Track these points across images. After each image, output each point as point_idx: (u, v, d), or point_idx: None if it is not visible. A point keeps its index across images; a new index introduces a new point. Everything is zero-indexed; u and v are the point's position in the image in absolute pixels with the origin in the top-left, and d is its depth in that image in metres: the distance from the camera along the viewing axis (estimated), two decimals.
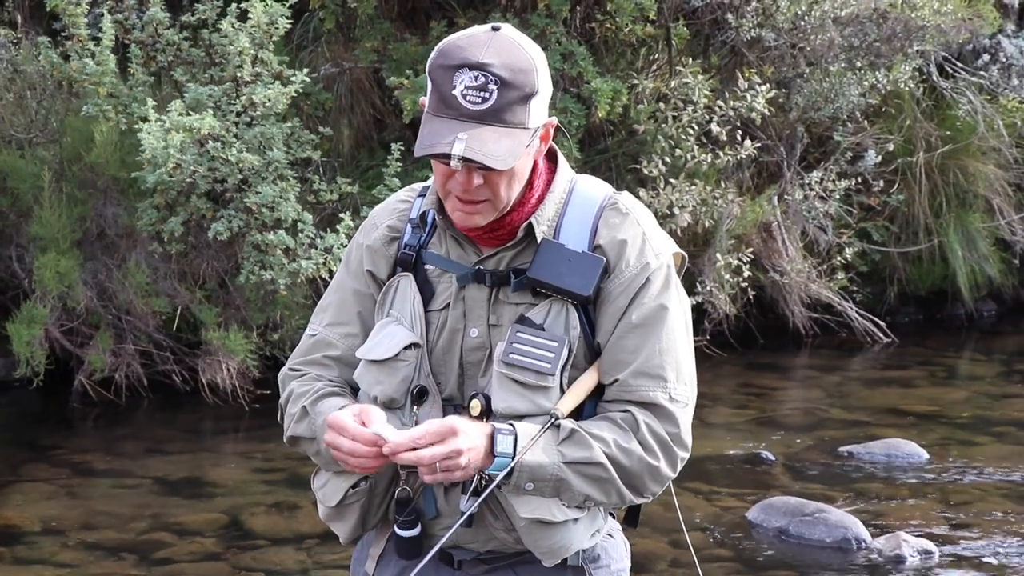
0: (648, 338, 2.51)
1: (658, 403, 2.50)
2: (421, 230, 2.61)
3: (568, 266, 2.49)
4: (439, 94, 2.40)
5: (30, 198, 8.21)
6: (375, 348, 2.58)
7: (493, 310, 2.53)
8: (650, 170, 9.07)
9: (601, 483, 2.48)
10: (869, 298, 10.76)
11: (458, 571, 2.60)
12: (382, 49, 9.14)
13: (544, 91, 2.44)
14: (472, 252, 2.55)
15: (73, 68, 8.11)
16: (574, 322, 2.51)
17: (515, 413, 2.47)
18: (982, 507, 6.92)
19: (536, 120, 2.43)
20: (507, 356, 2.48)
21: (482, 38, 2.41)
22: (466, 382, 2.55)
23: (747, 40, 9.65)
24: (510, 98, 2.38)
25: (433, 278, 2.58)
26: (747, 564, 6.17)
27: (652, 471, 2.50)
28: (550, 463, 2.44)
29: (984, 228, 11.11)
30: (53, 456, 7.50)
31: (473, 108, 2.37)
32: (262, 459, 7.50)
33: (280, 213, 7.85)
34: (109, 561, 6.04)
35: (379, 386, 2.56)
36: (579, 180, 2.60)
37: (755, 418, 8.63)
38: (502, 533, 2.54)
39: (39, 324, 8.01)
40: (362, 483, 2.56)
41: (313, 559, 6.04)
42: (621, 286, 2.51)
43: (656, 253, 2.54)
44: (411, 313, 2.57)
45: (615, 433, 2.48)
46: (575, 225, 2.54)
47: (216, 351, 8.22)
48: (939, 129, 10.89)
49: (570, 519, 2.50)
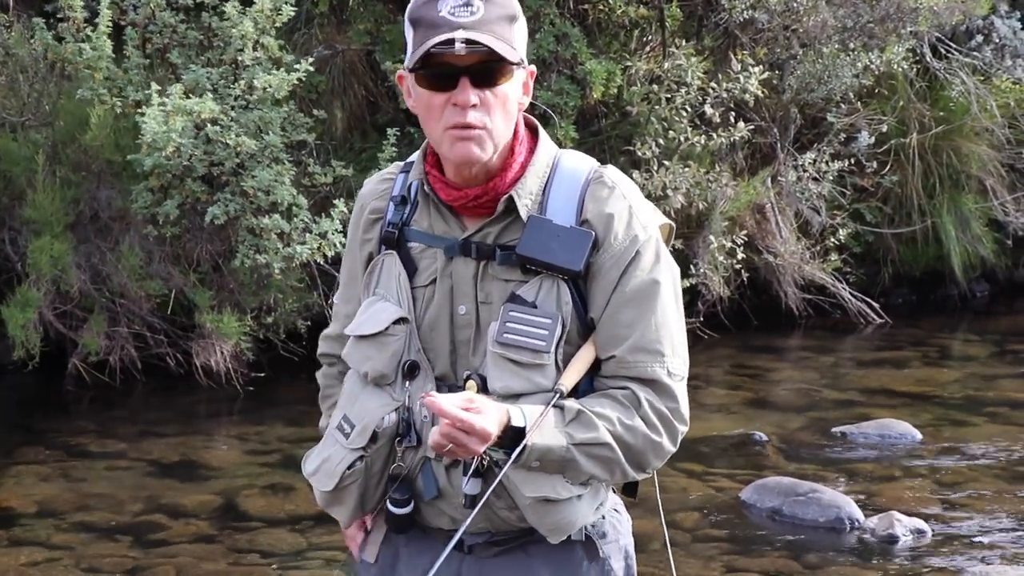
0: (643, 313, 2.51)
1: (657, 379, 2.51)
2: (404, 207, 2.61)
3: (557, 241, 2.49)
4: (425, 23, 2.41)
5: (23, 181, 8.19)
6: (363, 324, 2.58)
7: (481, 287, 2.53)
8: (643, 152, 9.07)
9: (607, 462, 2.48)
10: (862, 279, 10.77)
11: (468, 555, 2.59)
12: (375, 31, 9.13)
13: (523, 25, 2.47)
14: (456, 227, 2.55)
15: (68, 50, 8.09)
16: (566, 298, 2.50)
17: (511, 392, 2.47)
18: (974, 487, 6.95)
19: (520, 49, 2.46)
20: (501, 336, 2.47)
21: None
22: (458, 360, 2.54)
23: (740, 21, 9.64)
24: (497, 13, 2.41)
25: (416, 255, 2.58)
26: (741, 544, 6.18)
27: (655, 447, 2.51)
28: (558, 445, 2.44)
29: (977, 209, 11.12)
30: (48, 439, 7.50)
31: (463, 19, 2.39)
32: (256, 441, 7.51)
33: (275, 197, 7.84)
34: (104, 543, 6.05)
35: (369, 362, 2.56)
36: (563, 155, 2.60)
37: (749, 399, 8.65)
38: (505, 512, 2.53)
39: (33, 307, 8.01)
40: (357, 463, 2.55)
41: (308, 540, 6.05)
42: (611, 260, 2.51)
43: (644, 226, 2.54)
44: (397, 289, 2.56)
45: (618, 411, 2.48)
46: (561, 200, 2.53)
47: (210, 334, 8.22)
48: (932, 110, 10.89)
49: (574, 495, 2.50)
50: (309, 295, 8.41)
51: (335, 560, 5.79)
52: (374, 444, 2.54)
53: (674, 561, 5.00)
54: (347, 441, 2.57)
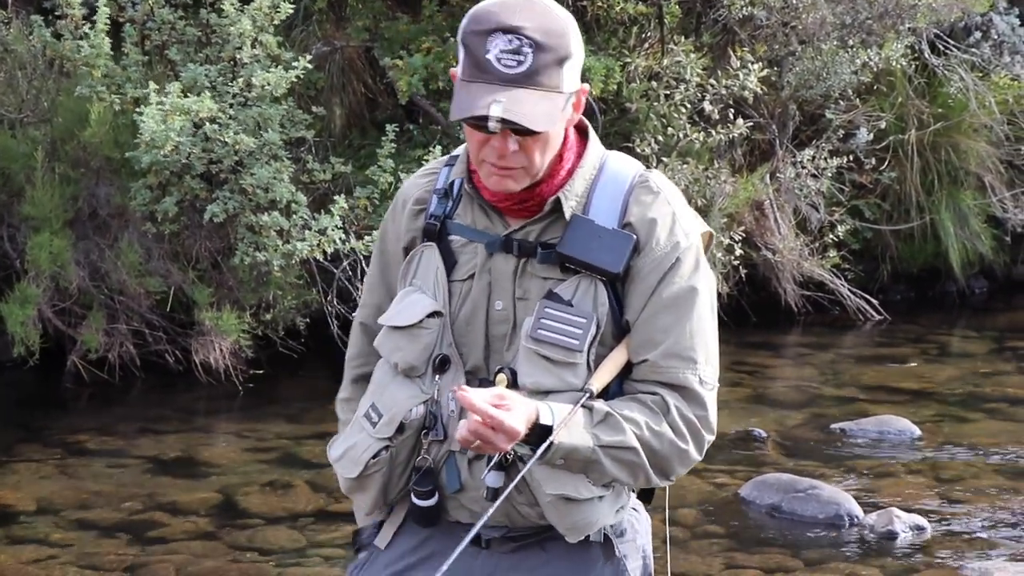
0: (679, 319, 2.51)
1: (688, 386, 2.52)
2: (447, 200, 2.60)
3: (599, 242, 2.48)
4: (473, 59, 2.38)
5: (22, 178, 8.18)
6: (397, 315, 2.58)
7: (519, 283, 2.52)
8: (642, 149, 9.06)
9: (631, 467, 2.49)
10: (861, 276, 10.78)
11: (485, 550, 2.59)
12: (374, 28, 9.12)
13: (577, 56, 2.43)
14: (499, 224, 2.54)
15: (66, 47, 8.08)
16: (602, 299, 2.50)
17: (541, 389, 2.47)
18: (974, 483, 6.95)
19: (570, 85, 2.42)
20: (535, 331, 2.47)
21: (514, 2, 2.39)
22: (492, 355, 2.54)
23: (739, 18, 9.64)
24: (545, 61, 2.37)
25: (457, 248, 2.57)
26: (740, 541, 6.19)
27: (681, 454, 2.53)
28: (584, 446, 2.44)
29: (976, 205, 11.12)
30: (47, 436, 7.50)
31: (508, 72, 2.36)
32: (255, 439, 7.50)
33: (274, 194, 7.84)
34: (103, 540, 6.05)
35: (399, 352, 2.56)
36: (609, 156, 2.59)
37: (748, 396, 8.65)
38: (525, 507, 2.53)
39: (32, 304, 8.01)
40: (383, 452, 2.56)
41: (307, 538, 6.04)
42: (651, 264, 2.50)
43: (686, 232, 2.53)
44: (434, 282, 2.56)
45: (646, 416, 2.49)
46: (605, 201, 2.52)
47: (209, 331, 8.21)
48: (931, 107, 10.90)
49: (595, 496, 2.50)
50: (308, 292, 8.40)
51: (334, 557, 5.79)
52: (400, 435, 2.55)
53: (671, 559, 5.01)
54: (374, 430, 2.57)
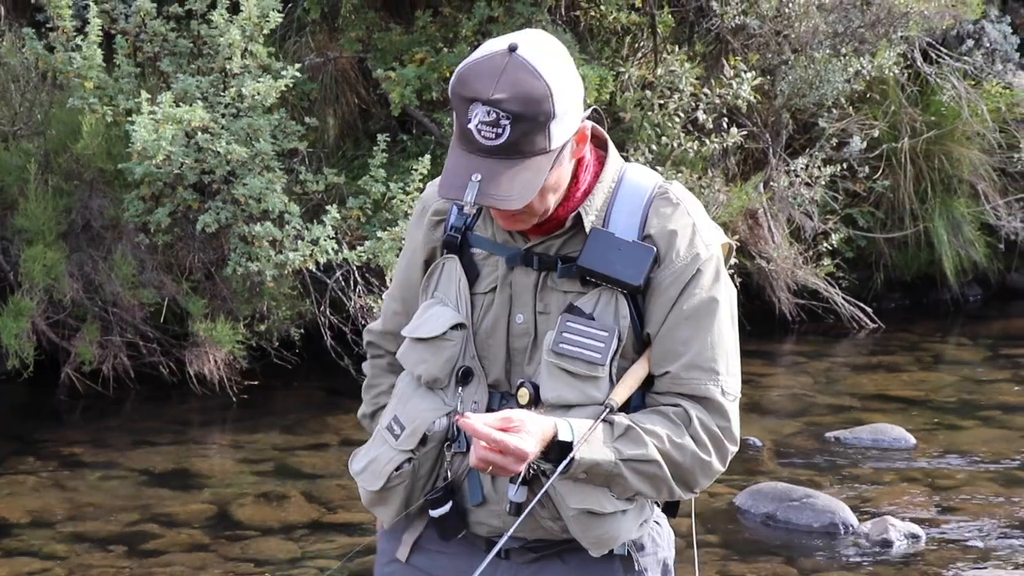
0: (700, 330, 2.50)
1: (710, 396, 2.51)
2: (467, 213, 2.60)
3: (619, 255, 2.48)
4: (458, 125, 2.40)
5: (15, 191, 8.18)
6: (421, 327, 2.58)
7: (540, 296, 2.53)
8: (636, 158, 9.06)
9: (654, 480, 2.48)
10: (855, 284, 10.78)
11: (505, 560, 2.59)
12: (367, 39, 9.12)
13: (565, 108, 2.41)
14: (520, 238, 2.55)
15: (59, 59, 8.08)
16: (624, 312, 2.50)
17: (564, 403, 2.47)
18: (968, 491, 6.95)
19: (560, 139, 2.41)
20: (557, 346, 2.47)
21: (497, 63, 2.37)
22: (513, 368, 2.54)
23: (732, 27, 9.66)
24: (524, 130, 2.36)
25: (479, 261, 2.58)
26: (735, 550, 6.19)
27: (704, 466, 2.52)
28: (606, 460, 2.44)
29: (969, 213, 11.13)
30: (41, 448, 7.49)
31: (488, 144, 2.36)
32: (250, 450, 7.49)
33: (267, 204, 7.84)
34: (97, 553, 6.04)
35: (424, 364, 2.56)
36: (628, 169, 2.60)
37: (742, 404, 8.47)
38: (548, 522, 2.53)
39: (26, 317, 7.99)
40: (405, 465, 2.56)
41: (302, 549, 6.03)
42: (672, 276, 2.50)
43: (706, 244, 2.53)
44: (456, 294, 2.57)
45: (668, 428, 2.48)
46: (624, 215, 2.53)
47: (203, 342, 8.20)
48: (924, 115, 10.91)
49: (619, 510, 2.50)
50: (302, 302, 8.39)
51: (328, 568, 5.78)
52: (423, 447, 2.56)
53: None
54: (396, 442, 2.58)
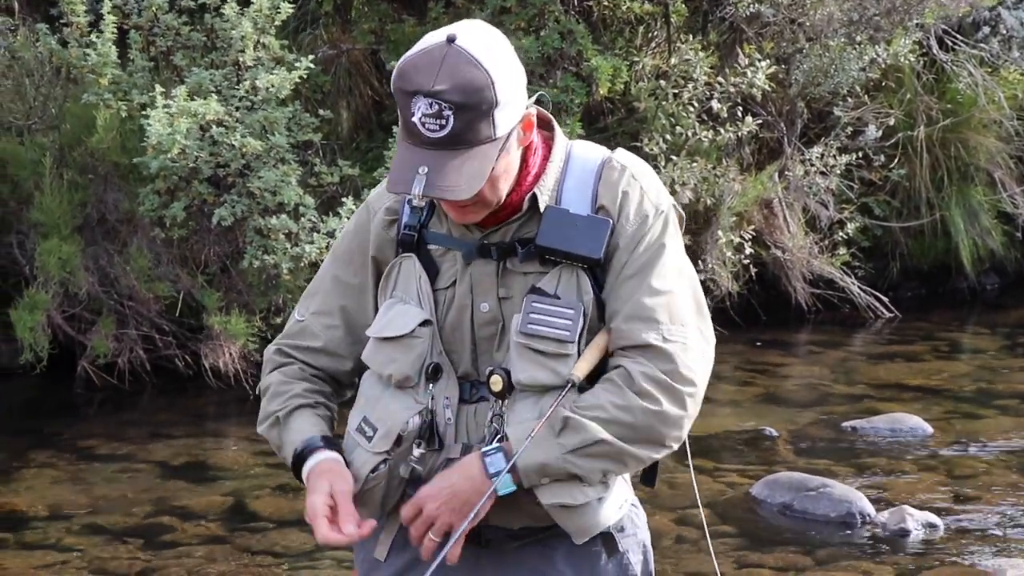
0: (641, 281, 2.49)
1: (649, 343, 2.48)
2: (420, 210, 2.59)
3: (576, 230, 2.48)
4: (402, 119, 2.40)
5: (30, 185, 8.20)
6: (387, 326, 2.57)
7: (502, 282, 2.53)
8: (651, 148, 9.05)
9: (610, 456, 2.47)
10: (871, 273, 10.74)
11: (486, 549, 2.59)
12: (380, 31, 9.12)
13: (509, 95, 2.40)
14: (475, 228, 2.54)
15: (72, 55, 8.09)
16: (586, 287, 2.50)
17: (537, 383, 2.47)
18: (986, 480, 6.93)
19: (505, 126, 2.41)
20: (525, 327, 2.47)
21: (436, 55, 2.36)
22: (480, 358, 2.54)
23: (746, 16, 9.62)
24: (467, 119, 2.36)
25: (437, 257, 2.57)
26: (751, 540, 6.17)
27: (659, 416, 2.47)
28: (553, 458, 2.45)
29: (986, 201, 11.08)
30: (57, 442, 7.51)
31: (432, 136, 2.36)
32: (266, 442, 7.46)
33: (282, 197, 7.84)
34: (114, 545, 6.05)
35: (393, 364, 2.55)
36: (575, 145, 2.59)
37: (758, 394, 8.63)
38: (533, 506, 2.53)
39: (41, 310, 8.01)
40: (381, 466, 2.56)
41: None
42: (624, 241, 2.51)
43: (655, 205, 2.54)
44: (418, 292, 2.56)
45: (610, 394, 2.47)
46: (575, 191, 2.53)
47: (218, 336, 8.21)
48: (940, 103, 10.86)
49: (592, 499, 2.50)
50: None
51: (345, 560, 5.78)
52: (398, 447, 2.55)
53: (682, 559, 5.00)
54: (370, 444, 2.57)
